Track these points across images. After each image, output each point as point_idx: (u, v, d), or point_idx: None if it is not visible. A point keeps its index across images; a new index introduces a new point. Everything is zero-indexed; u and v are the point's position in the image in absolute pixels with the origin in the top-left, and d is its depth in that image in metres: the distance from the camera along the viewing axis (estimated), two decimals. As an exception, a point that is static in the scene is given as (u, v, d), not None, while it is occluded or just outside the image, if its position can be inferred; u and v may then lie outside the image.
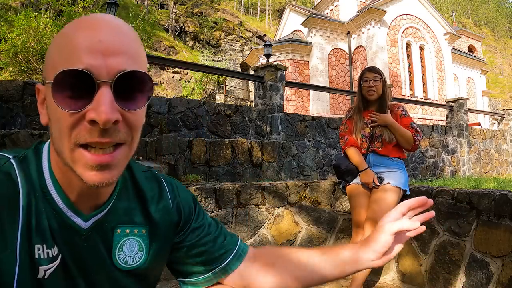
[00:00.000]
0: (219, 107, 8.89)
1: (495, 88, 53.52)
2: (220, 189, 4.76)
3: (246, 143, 6.54)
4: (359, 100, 4.24)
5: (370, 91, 4.09)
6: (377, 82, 4.09)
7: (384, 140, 4.02)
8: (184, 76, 34.09)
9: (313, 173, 10.49)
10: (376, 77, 4.10)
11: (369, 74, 4.15)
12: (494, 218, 3.51)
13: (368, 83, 4.09)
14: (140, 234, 1.09)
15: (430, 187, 4.48)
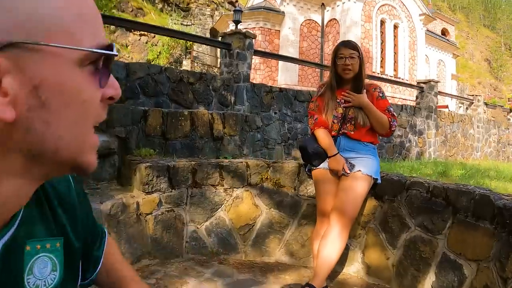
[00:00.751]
0: (182, 74, 8.31)
1: (464, 73, 54.44)
2: (174, 167, 4.34)
3: (207, 114, 6.05)
4: (332, 77, 3.84)
5: (346, 69, 3.70)
6: (354, 59, 3.71)
7: (358, 123, 3.66)
8: (151, 39, 33.25)
9: (277, 146, 10.15)
10: (352, 54, 3.70)
11: (344, 50, 3.74)
12: (472, 218, 3.22)
13: (344, 60, 3.70)
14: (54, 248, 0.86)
15: (403, 176, 4.12)
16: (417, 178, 3.99)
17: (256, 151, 9.37)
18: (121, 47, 32.22)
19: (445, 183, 3.81)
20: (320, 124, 3.75)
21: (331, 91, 3.80)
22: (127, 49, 32.56)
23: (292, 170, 4.51)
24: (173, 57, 32.41)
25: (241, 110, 8.97)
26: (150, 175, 4.14)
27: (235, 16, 10.73)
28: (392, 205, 3.94)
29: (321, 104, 3.83)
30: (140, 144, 5.31)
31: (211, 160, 4.62)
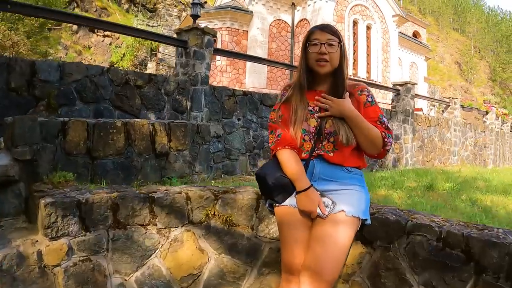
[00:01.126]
0: (128, 75, 7.10)
1: (435, 75, 54.67)
2: (88, 201, 3.16)
3: (146, 125, 4.89)
4: (301, 73, 2.74)
5: (321, 60, 2.60)
6: (333, 47, 2.63)
7: (339, 141, 2.59)
8: (114, 41, 32.34)
9: (241, 157, 9.09)
10: (331, 40, 2.63)
11: (320, 34, 2.66)
12: (506, 283, 2.20)
13: (319, 47, 2.59)
14: None
15: (403, 215, 2.97)
16: (422, 217, 2.89)
17: (217, 163, 8.25)
18: (84, 49, 31.23)
19: (461, 222, 2.77)
20: (285, 143, 2.63)
21: (301, 93, 2.71)
22: (89, 50, 31.58)
23: (248, 204, 3.37)
24: (138, 59, 31.33)
25: (199, 117, 7.82)
26: (54, 214, 2.97)
27: (193, 10, 9.49)
28: (387, 255, 2.81)
29: (287, 113, 2.72)
30: (59, 166, 4.12)
31: (138, 191, 3.41)
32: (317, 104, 2.66)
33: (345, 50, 2.68)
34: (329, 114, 2.60)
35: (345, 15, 22.18)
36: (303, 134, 2.63)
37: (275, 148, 2.66)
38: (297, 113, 2.66)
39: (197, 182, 5.77)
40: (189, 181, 5.73)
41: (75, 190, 3.41)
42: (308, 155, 2.62)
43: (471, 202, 6.97)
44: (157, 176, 5.06)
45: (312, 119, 2.65)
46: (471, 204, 6.84)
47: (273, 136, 2.71)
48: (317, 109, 2.66)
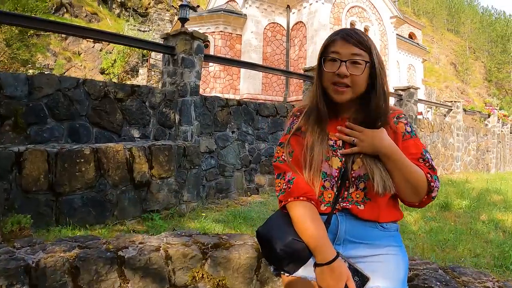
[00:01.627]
0: (107, 87, 6.30)
1: (431, 77, 54.56)
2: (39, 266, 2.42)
3: (122, 151, 4.15)
4: (319, 96, 1.97)
5: (340, 84, 1.88)
6: (358, 68, 1.87)
7: (372, 188, 1.83)
8: (105, 47, 31.85)
9: (236, 173, 8.33)
10: (356, 57, 1.88)
11: (342, 46, 1.92)
12: None
13: (338, 66, 1.86)
14: None
15: (450, 281, 2.22)
16: (474, 283, 2.13)
17: (210, 181, 7.49)
18: (73, 56, 30.68)
19: None
20: (299, 192, 1.85)
21: (318, 123, 1.96)
22: (79, 57, 31.10)
23: (246, 264, 2.60)
24: (129, 65, 30.72)
25: (189, 131, 7.04)
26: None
27: (181, 12, 8.66)
28: None
29: (299, 149, 1.96)
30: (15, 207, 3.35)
31: (105, 247, 2.63)
32: (340, 137, 1.93)
33: (381, 65, 1.92)
34: (357, 150, 1.88)
35: (342, 17, 21.62)
36: (323, 180, 1.90)
37: (285, 199, 1.87)
38: (314, 150, 1.90)
39: (186, 214, 5.05)
40: (175, 214, 5.00)
41: (27, 246, 2.64)
42: (330, 208, 1.89)
43: (494, 224, 6.61)
44: (138, 210, 4.34)
45: (334, 158, 1.91)
46: (495, 227, 6.43)
47: (281, 182, 1.93)
48: (340, 144, 1.93)
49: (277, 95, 21.75)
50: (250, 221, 5.54)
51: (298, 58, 21.54)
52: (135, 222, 4.68)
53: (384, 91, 1.91)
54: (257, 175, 8.82)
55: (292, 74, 12.36)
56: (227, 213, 5.96)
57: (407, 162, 1.82)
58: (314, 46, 19.98)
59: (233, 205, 6.91)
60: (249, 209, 6.32)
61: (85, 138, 5.89)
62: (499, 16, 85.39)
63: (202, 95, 7.85)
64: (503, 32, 74.58)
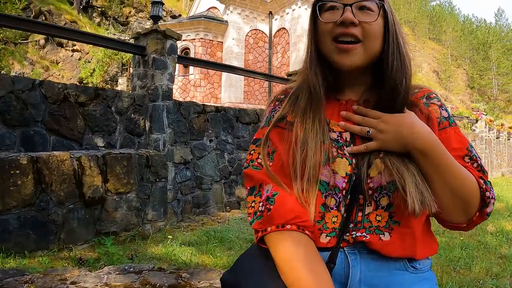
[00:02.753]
0: (67, 90, 5.58)
1: (411, 85, 55.48)
2: None
3: (68, 161, 3.45)
4: (311, 67, 1.31)
5: (346, 36, 1.23)
6: (368, 14, 1.23)
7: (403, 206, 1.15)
8: (84, 55, 31.16)
9: (215, 185, 7.64)
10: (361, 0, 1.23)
11: None
12: None
13: (340, 13, 1.24)
14: None
15: None
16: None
17: (185, 195, 6.80)
18: (51, 64, 29.97)
19: None
20: (285, 218, 1.16)
21: (311, 106, 1.30)
22: (57, 66, 30.33)
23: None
24: (109, 74, 30.02)
25: (161, 139, 6.35)
26: None
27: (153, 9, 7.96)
28: None
29: (283, 147, 1.28)
30: None
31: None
32: (347, 128, 1.29)
33: (394, 17, 1.29)
34: (376, 146, 1.23)
35: (326, 23, 21.19)
36: (323, 194, 1.22)
37: (262, 227, 1.20)
38: (308, 148, 1.23)
39: (150, 236, 4.33)
40: (138, 236, 4.28)
41: None
42: (336, 239, 1.22)
43: (504, 236, 6.19)
44: (90, 232, 3.65)
45: (341, 160, 1.24)
46: (506, 239, 6.02)
47: (257, 200, 1.25)
48: (347, 138, 1.28)
49: (259, 104, 21.27)
50: (226, 243, 4.82)
51: (281, 65, 21.16)
52: (87, 247, 3.95)
53: (401, 46, 1.27)
54: (238, 188, 8.13)
55: (274, 78, 11.71)
56: (201, 233, 5.25)
57: (454, 163, 1.18)
58: (297, 52, 19.68)
59: (209, 222, 6.22)
60: (226, 228, 5.62)
61: (40, 147, 5.16)
62: (480, 24, 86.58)
63: (176, 100, 7.16)
64: (484, 40, 75.57)
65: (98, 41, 6.68)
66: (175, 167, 6.72)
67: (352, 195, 1.20)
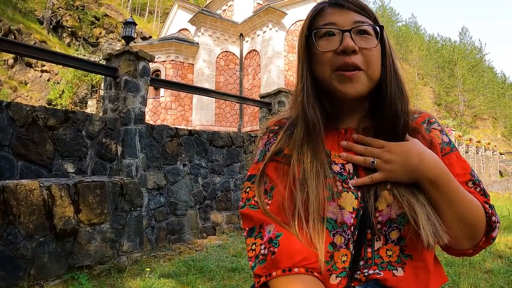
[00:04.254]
0: (36, 112, 5.33)
1: (383, 104, 56.45)
2: None
3: (37, 190, 3.24)
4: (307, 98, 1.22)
5: (348, 66, 1.16)
6: (368, 39, 1.19)
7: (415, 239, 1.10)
8: (53, 77, 30.98)
9: (190, 211, 7.47)
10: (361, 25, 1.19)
11: (338, 14, 1.22)
12: None
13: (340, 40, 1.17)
14: None
15: None
16: None
17: (160, 221, 6.59)
18: (19, 85, 29.59)
19: None
20: (292, 261, 1.06)
21: (309, 139, 1.20)
22: (26, 87, 30.41)
23: None
24: (78, 96, 29.68)
25: (133, 165, 6.14)
26: None
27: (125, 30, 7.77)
28: None
29: (282, 183, 1.18)
30: None
31: None
32: (348, 159, 1.23)
33: (389, 41, 1.27)
34: (382, 177, 1.18)
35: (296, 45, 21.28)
36: (331, 233, 1.14)
37: (267, 272, 1.09)
38: (309, 184, 1.15)
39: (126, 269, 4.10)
40: (113, 269, 4.05)
41: None
42: (346, 280, 1.14)
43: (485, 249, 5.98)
44: (62, 267, 3.43)
45: (347, 194, 1.16)
46: (488, 253, 6.04)
47: (258, 243, 1.15)
48: (351, 170, 1.22)
49: (230, 126, 21.29)
50: (207, 273, 4.61)
51: (252, 87, 21.16)
52: (60, 283, 3.68)
53: (398, 73, 1.23)
54: (213, 213, 7.92)
55: (247, 100, 11.57)
56: (180, 263, 5.01)
57: (462, 191, 1.15)
58: (268, 74, 19.71)
59: (186, 251, 5.99)
60: (205, 256, 5.40)
61: (7, 173, 4.90)
62: (445, 42, 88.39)
63: (148, 123, 6.95)
64: (450, 58, 77.40)
65: (68, 62, 6.44)
66: (149, 193, 6.50)
67: (360, 230, 1.12)
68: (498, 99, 79.41)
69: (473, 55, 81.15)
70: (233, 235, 7.56)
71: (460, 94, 73.13)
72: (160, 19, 53.55)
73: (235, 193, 8.45)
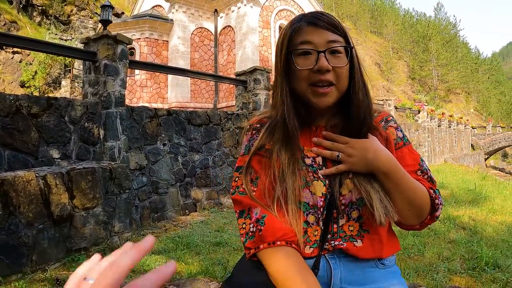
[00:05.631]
0: (19, 101, 5.47)
1: (357, 77, 56.29)
2: None
3: (34, 180, 3.42)
4: (286, 105, 1.47)
5: (322, 83, 1.41)
6: (339, 58, 1.43)
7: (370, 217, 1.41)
8: (25, 58, 30.32)
9: (171, 189, 7.72)
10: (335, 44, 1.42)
11: (314, 33, 1.43)
12: None
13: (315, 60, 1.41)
14: None
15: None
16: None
17: (143, 200, 6.80)
18: None
19: None
20: (276, 235, 1.36)
21: (286, 139, 1.46)
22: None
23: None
24: (51, 76, 29.29)
25: (115, 147, 6.35)
26: None
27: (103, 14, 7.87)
28: None
29: (265, 175, 1.46)
30: None
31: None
32: (318, 153, 1.48)
33: (358, 57, 1.50)
34: (345, 168, 1.44)
35: (271, 21, 21.62)
36: (305, 213, 1.42)
37: (255, 245, 1.37)
38: (287, 175, 1.42)
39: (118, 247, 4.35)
40: (108, 249, 4.29)
41: None
42: (318, 249, 1.42)
43: (451, 222, 6.64)
44: (61, 251, 3.66)
45: (317, 182, 1.44)
46: (453, 225, 6.46)
47: (247, 222, 1.42)
48: (320, 162, 1.47)
49: (206, 102, 21.44)
50: (194, 248, 4.94)
51: (227, 63, 21.25)
52: (60, 266, 3.91)
53: (365, 84, 1.48)
54: (194, 189, 8.20)
55: (223, 79, 11.77)
56: (167, 240, 5.32)
57: (410, 179, 1.42)
58: (243, 50, 19.81)
59: (171, 228, 6.27)
60: (190, 232, 5.73)
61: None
62: (420, 17, 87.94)
63: (128, 105, 7.13)
64: (424, 33, 77.31)
65: (48, 49, 6.57)
66: (131, 174, 6.71)
67: (328, 211, 1.40)
68: (471, 74, 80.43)
69: (448, 31, 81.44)
70: (214, 211, 7.84)
71: (434, 69, 73.79)
72: (132, -7, 53.08)
73: (213, 170, 8.70)
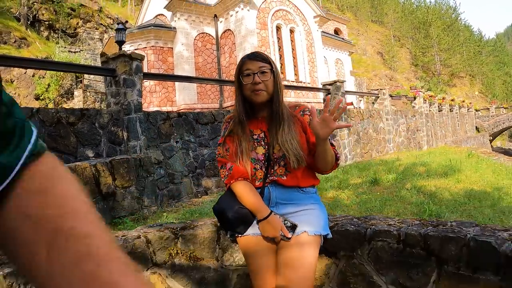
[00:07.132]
0: (59, 113, 6.87)
1: (359, 68, 55.68)
2: None
3: (88, 167, 4.72)
4: (239, 105, 2.74)
5: (257, 90, 2.61)
6: (266, 75, 2.63)
7: (290, 164, 2.57)
8: (38, 72, 30.80)
9: (184, 179, 8.96)
10: (263, 68, 2.63)
11: (251, 64, 2.66)
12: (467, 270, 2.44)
13: (252, 78, 2.61)
14: None
15: (361, 224, 3.07)
16: (380, 223, 2.99)
17: (162, 189, 8.11)
18: (6, 84, 29.53)
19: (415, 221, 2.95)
20: (238, 175, 2.60)
21: (241, 125, 2.71)
22: (12, 85, 29.93)
23: (209, 237, 3.36)
24: (64, 88, 30.26)
25: (137, 146, 7.67)
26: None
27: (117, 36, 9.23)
28: (352, 262, 2.97)
29: (232, 146, 2.71)
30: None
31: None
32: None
33: (278, 74, 2.69)
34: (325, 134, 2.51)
35: (268, 22, 22.34)
36: (253, 163, 2.63)
37: (228, 182, 2.62)
38: (242, 145, 2.65)
39: (148, 217, 5.64)
40: (140, 217, 5.59)
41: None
42: (262, 182, 2.62)
43: (416, 190, 7.27)
44: (108, 217, 4.91)
45: (259, 147, 2.66)
46: (417, 192, 7.13)
47: (224, 170, 2.66)
48: (262, 136, 2.67)
49: (212, 102, 22.28)
50: (205, 215, 6.09)
51: (229, 64, 22.13)
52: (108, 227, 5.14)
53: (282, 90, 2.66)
54: (204, 179, 9.51)
55: (225, 82, 13.02)
56: (184, 212, 6.52)
57: (329, 146, 2.46)
58: (243, 51, 20.57)
59: (187, 206, 7.43)
60: (202, 207, 6.91)
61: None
62: (420, 3, 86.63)
63: (144, 111, 8.49)
64: (425, 19, 76.55)
65: (76, 69, 7.98)
66: (152, 167, 8.04)
67: (267, 162, 2.64)
68: (474, 57, 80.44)
69: (449, 15, 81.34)
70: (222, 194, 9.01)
71: (436, 54, 73.82)
72: (133, 1, 53.24)
73: (221, 162, 9.95)
